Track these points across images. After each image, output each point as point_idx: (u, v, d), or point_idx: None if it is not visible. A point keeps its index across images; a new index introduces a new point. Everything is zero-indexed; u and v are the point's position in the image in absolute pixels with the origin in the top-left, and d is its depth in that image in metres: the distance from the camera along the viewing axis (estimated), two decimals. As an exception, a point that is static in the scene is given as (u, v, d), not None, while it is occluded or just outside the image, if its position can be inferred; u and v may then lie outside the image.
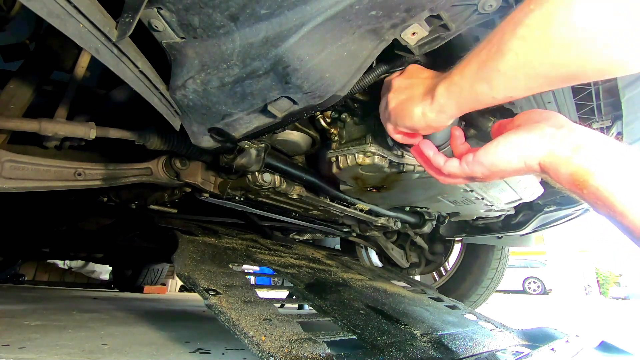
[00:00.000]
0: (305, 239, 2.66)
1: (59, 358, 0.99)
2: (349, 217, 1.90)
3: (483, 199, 1.39)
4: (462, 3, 0.65)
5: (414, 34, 0.67)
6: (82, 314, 1.90)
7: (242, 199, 1.42)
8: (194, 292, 0.94)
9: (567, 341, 1.43)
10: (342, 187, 1.29)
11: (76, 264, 5.50)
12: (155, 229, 1.76)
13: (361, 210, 1.69)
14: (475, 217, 1.83)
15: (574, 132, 0.49)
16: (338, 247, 3.16)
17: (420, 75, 0.65)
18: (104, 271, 5.73)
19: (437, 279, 2.69)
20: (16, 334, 1.28)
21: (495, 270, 2.41)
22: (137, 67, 0.62)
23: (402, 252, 2.47)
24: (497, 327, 1.53)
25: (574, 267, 12.21)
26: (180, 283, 5.56)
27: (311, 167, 1.40)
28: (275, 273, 1.36)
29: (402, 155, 1.08)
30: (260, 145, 1.10)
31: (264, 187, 1.28)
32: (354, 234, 2.27)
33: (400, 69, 0.93)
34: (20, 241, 2.90)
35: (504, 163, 0.54)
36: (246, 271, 1.23)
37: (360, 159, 1.05)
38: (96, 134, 0.97)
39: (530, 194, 1.41)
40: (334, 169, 1.12)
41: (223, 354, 1.15)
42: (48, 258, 4.83)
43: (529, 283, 13.11)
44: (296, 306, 2.75)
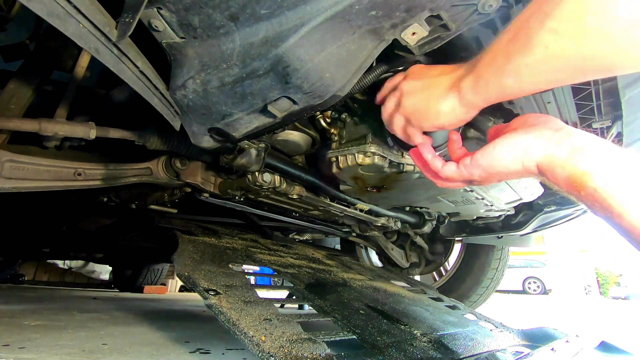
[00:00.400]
0: (305, 239, 2.66)
1: (59, 358, 0.99)
2: (349, 217, 1.90)
3: (483, 199, 1.39)
4: (462, 3, 0.65)
5: (414, 34, 0.67)
6: (82, 314, 1.90)
7: (242, 199, 1.42)
8: (194, 292, 0.94)
9: (567, 341, 1.43)
10: (342, 187, 1.29)
11: (76, 264, 5.50)
12: (155, 229, 1.76)
13: (361, 210, 1.69)
14: (475, 217, 1.83)
15: (571, 135, 0.49)
16: (338, 247, 3.16)
17: (431, 74, 0.64)
18: (104, 271, 5.73)
19: (437, 279, 2.69)
20: (16, 334, 1.28)
21: (495, 270, 2.41)
22: (137, 67, 0.62)
23: (402, 252, 2.47)
24: (497, 327, 1.53)
25: (574, 267, 12.21)
26: (180, 283, 5.56)
27: (311, 167, 1.40)
28: (275, 273, 1.36)
29: (402, 155, 1.08)
30: (260, 145, 1.10)
31: (264, 187, 1.28)
32: (354, 234, 2.27)
33: (400, 68, 0.93)
34: (20, 241, 2.90)
35: (501, 165, 0.54)
36: (246, 271, 1.23)
37: (360, 159, 1.05)
38: (96, 134, 0.97)
39: (530, 194, 1.41)
40: (334, 169, 1.12)
41: (223, 354, 1.15)
42: (48, 258, 4.83)
43: (529, 283, 13.11)
44: (296, 306, 2.75)
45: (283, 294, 1.83)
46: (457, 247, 2.57)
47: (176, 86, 0.72)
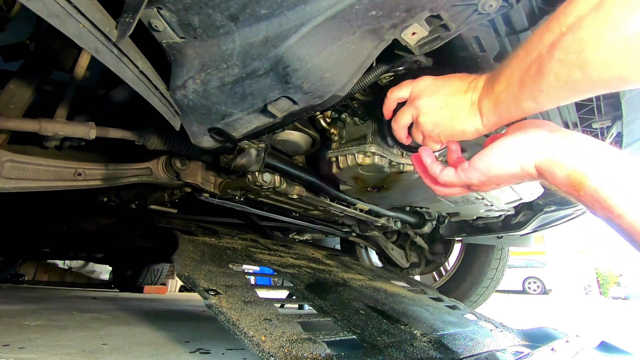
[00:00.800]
0: (305, 239, 2.66)
1: (59, 358, 0.99)
2: (349, 217, 1.90)
3: (483, 198, 1.39)
4: (462, 3, 0.65)
5: (414, 34, 0.67)
6: (82, 314, 1.90)
7: (242, 199, 1.42)
8: (194, 292, 0.94)
9: (567, 341, 1.43)
10: (342, 187, 1.29)
11: (76, 264, 5.49)
12: (155, 229, 1.76)
13: (361, 210, 1.69)
14: (475, 217, 1.83)
15: (568, 136, 0.50)
16: (338, 247, 3.16)
17: (445, 92, 0.63)
18: (104, 271, 5.73)
19: (437, 279, 2.68)
20: (16, 334, 1.28)
21: (495, 270, 2.41)
22: (137, 67, 0.62)
23: (402, 252, 2.47)
24: (497, 327, 1.53)
25: (574, 267, 12.20)
26: (180, 283, 5.55)
27: (311, 167, 1.40)
28: (275, 273, 1.36)
29: (402, 155, 1.08)
30: (260, 145, 1.10)
31: (264, 187, 1.28)
32: (354, 234, 2.27)
33: (400, 69, 0.93)
34: (20, 241, 2.90)
35: (499, 167, 0.54)
36: (246, 271, 1.23)
37: (360, 159, 1.05)
38: (96, 134, 0.97)
39: (530, 194, 1.41)
40: (334, 169, 1.12)
41: (223, 354, 1.15)
42: (48, 258, 4.83)
43: (529, 283, 13.10)
44: (296, 306, 2.75)
45: (283, 294, 1.83)
46: (457, 247, 2.57)
47: (176, 86, 0.72)
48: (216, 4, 0.57)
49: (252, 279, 5.01)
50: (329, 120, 1.15)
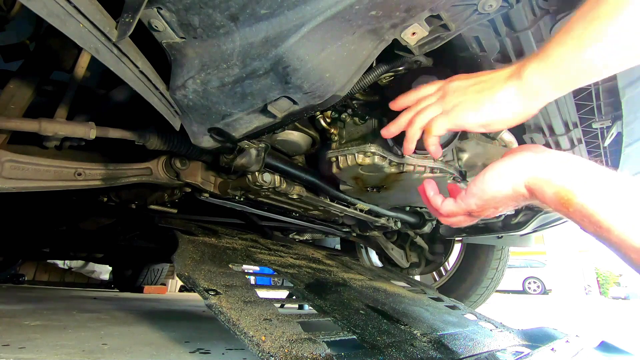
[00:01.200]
0: (305, 239, 2.66)
1: (59, 358, 0.99)
2: (349, 217, 1.90)
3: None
4: (462, 3, 0.65)
5: (414, 34, 0.67)
6: (82, 314, 1.90)
7: (242, 199, 1.42)
8: (194, 292, 0.94)
9: (567, 341, 1.43)
10: (342, 187, 1.29)
11: (76, 264, 5.49)
12: (155, 229, 1.76)
13: (361, 210, 1.69)
14: (475, 217, 1.82)
15: (552, 155, 0.51)
16: (338, 247, 3.16)
17: (481, 73, 0.59)
18: (104, 271, 5.73)
19: (437, 279, 2.68)
20: (16, 334, 1.28)
21: (495, 270, 2.41)
22: (137, 67, 0.62)
23: (402, 252, 2.47)
24: (497, 327, 1.53)
25: (574, 267, 12.21)
26: (180, 283, 5.56)
27: (311, 167, 1.40)
28: (275, 273, 1.35)
29: (402, 155, 1.08)
30: (260, 145, 1.10)
31: (264, 187, 1.28)
32: (354, 234, 2.27)
33: (400, 69, 0.93)
34: (20, 241, 2.90)
35: (493, 190, 0.54)
36: (246, 271, 1.23)
37: (360, 159, 1.05)
38: (96, 134, 0.97)
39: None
40: (334, 169, 1.12)
41: (223, 354, 1.15)
42: (48, 258, 4.83)
43: (529, 283, 13.10)
44: (296, 306, 2.75)
45: (283, 294, 1.83)
46: (457, 247, 2.57)
47: (176, 86, 0.72)
48: (216, 4, 0.57)
49: (252, 279, 5.01)
50: (329, 120, 1.15)
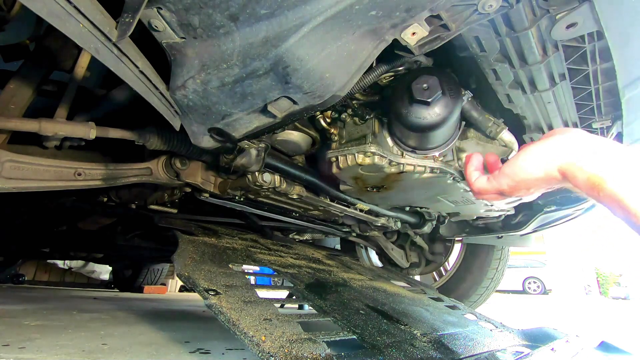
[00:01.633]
0: (305, 239, 2.66)
1: (59, 358, 0.99)
2: (349, 217, 1.90)
3: (483, 199, 1.38)
4: (462, 3, 0.65)
5: (414, 34, 0.67)
6: (82, 314, 1.90)
7: (242, 199, 1.42)
8: (194, 292, 0.94)
9: (567, 341, 1.43)
10: (342, 187, 1.29)
11: (76, 264, 5.49)
12: (155, 229, 1.76)
13: (361, 210, 1.69)
14: (475, 217, 1.83)
15: (586, 141, 0.52)
16: (338, 247, 3.16)
17: None
18: (104, 271, 5.73)
19: (437, 279, 2.68)
20: (16, 334, 1.28)
21: (495, 270, 2.41)
22: (137, 67, 0.62)
23: (402, 252, 2.47)
24: (497, 327, 1.53)
25: (574, 267, 12.21)
26: (180, 283, 5.55)
27: (311, 167, 1.40)
28: (275, 273, 1.35)
29: (402, 155, 1.08)
30: (260, 145, 1.10)
31: (264, 187, 1.28)
32: (354, 234, 2.26)
33: (400, 69, 0.93)
34: (20, 241, 2.90)
35: (525, 172, 0.56)
36: (246, 271, 1.23)
37: (360, 159, 1.05)
38: (96, 134, 0.97)
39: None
40: (334, 169, 1.12)
41: (223, 354, 1.15)
42: (48, 258, 4.83)
43: (529, 283, 13.10)
44: (296, 306, 2.75)
45: (283, 294, 1.83)
46: (457, 247, 2.56)
47: (176, 86, 0.72)
48: (216, 4, 0.57)
49: (252, 279, 5.01)
50: (329, 120, 1.15)
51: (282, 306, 2.46)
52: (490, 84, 0.91)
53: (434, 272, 2.67)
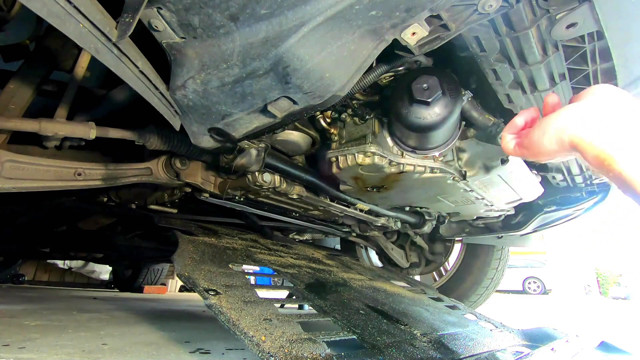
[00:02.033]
0: (305, 239, 2.66)
1: (59, 358, 0.99)
2: (349, 217, 1.90)
3: (483, 198, 1.39)
4: (462, 3, 0.65)
5: (414, 34, 0.67)
6: (82, 314, 1.90)
7: (242, 199, 1.42)
8: (194, 292, 0.94)
9: (567, 341, 1.43)
10: (342, 187, 1.29)
11: (76, 264, 5.49)
12: (155, 229, 1.76)
13: (361, 210, 1.69)
14: (475, 217, 1.83)
15: (598, 112, 0.51)
16: (338, 247, 3.16)
17: None
18: (104, 271, 5.73)
19: (437, 279, 2.68)
20: (16, 334, 1.28)
21: (495, 270, 2.41)
22: (137, 67, 0.62)
23: (402, 252, 2.47)
24: (497, 327, 1.53)
25: (574, 267, 12.21)
26: (180, 283, 5.55)
27: (311, 167, 1.40)
28: (275, 273, 1.35)
29: (402, 155, 1.08)
30: (260, 145, 1.10)
31: (264, 187, 1.28)
32: (354, 234, 2.26)
33: (400, 68, 0.92)
34: (20, 241, 2.90)
35: (540, 145, 0.56)
36: (246, 271, 1.23)
37: (360, 159, 1.05)
38: (96, 134, 0.97)
39: (530, 194, 1.41)
40: (334, 169, 1.12)
41: (223, 354, 1.15)
42: (48, 258, 4.83)
43: (529, 283, 13.10)
44: (296, 306, 2.75)
45: (283, 294, 1.83)
46: (457, 247, 2.56)
47: (176, 86, 0.72)
48: (216, 4, 0.57)
49: (252, 279, 5.01)
50: (329, 120, 1.15)
51: (282, 306, 2.45)
52: (490, 84, 0.91)
53: (434, 272, 2.67)
